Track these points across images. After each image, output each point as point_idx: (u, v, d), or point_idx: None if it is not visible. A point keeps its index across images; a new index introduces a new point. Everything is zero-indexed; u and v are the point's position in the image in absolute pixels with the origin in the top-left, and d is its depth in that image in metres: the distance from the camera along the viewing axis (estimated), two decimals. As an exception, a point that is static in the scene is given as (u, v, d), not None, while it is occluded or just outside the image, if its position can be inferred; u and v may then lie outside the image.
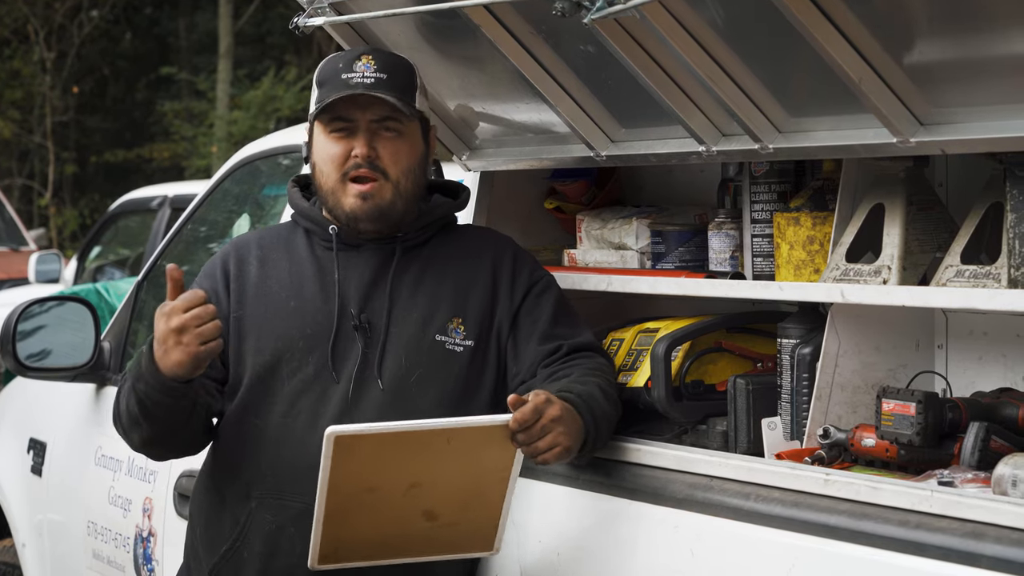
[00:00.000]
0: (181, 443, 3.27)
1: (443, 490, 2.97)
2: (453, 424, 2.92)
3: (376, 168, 3.24)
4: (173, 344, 3.00)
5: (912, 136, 2.75)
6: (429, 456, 2.91)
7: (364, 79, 3.23)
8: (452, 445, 2.90)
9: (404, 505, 2.97)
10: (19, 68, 24.53)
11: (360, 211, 3.25)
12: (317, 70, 3.32)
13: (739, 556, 2.80)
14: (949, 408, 2.87)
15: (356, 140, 3.24)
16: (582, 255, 3.79)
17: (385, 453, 2.89)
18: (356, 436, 2.86)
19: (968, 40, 2.62)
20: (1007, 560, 2.39)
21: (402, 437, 2.88)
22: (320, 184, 3.29)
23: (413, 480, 2.94)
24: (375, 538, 3.02)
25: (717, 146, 3.14)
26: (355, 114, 3.24)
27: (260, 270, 3.31)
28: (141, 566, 4.50)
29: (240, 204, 5.34)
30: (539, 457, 2.95)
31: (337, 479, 2.88)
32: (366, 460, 2.89)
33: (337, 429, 2.85)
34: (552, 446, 2.95)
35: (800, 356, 3.15)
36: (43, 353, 4.90)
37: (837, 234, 3.12)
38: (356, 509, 2.95)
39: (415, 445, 2.89)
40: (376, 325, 3.24)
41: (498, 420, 2.92)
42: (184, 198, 10.28)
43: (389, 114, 3.25)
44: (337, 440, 2.84)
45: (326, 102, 3.22)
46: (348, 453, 2.86)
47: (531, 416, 2.91)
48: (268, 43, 25.13)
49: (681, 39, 2.93)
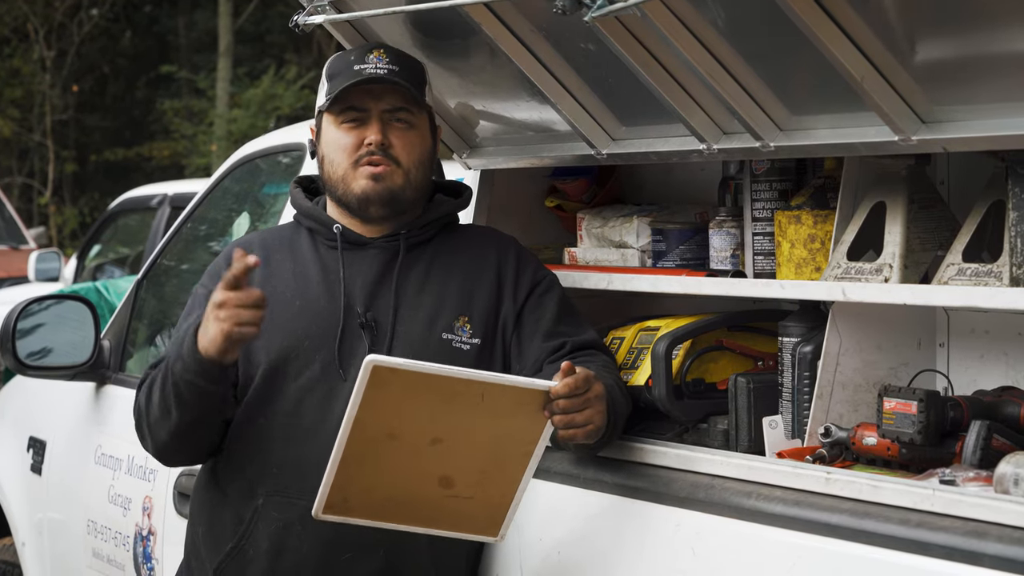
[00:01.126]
0: (201, 441, 3.25)
1: (464, 453, 2.93)
2: (491, 379, 2.89)
3: (388, 155, 3.25)
4: (212, 320, 3.01)
5: (914, 134, 2.74)
6: (458, 410, 2.87)
7: (378, 69, 3.25)
8: (485, 402, 2.86)
9: (422, 463, 2.93)
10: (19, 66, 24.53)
11: (372, 192, 3.24)
12: (327, 65, 3.34)
13: (740, 555, 2.79)
14: (951, 407, 2.87)
15: (369, 128, 3.25)
16: (583, 253, 3.79)
17: (417, 396, 2.85)
18: (394, 370, 2.82)
19: (970, 38, 2.62)
20: (1009, 559, 2.38)
21: (437, 381, 2.85)
22: (329, 175, 3.30)
23: (437, 434, 2.90)
24: (385, 495, 2.98)
25: (718, 144, 3.14)
26: (368, 103, 3.26)
27: (264, 270, 3.30)
28: (141, 565, 4.50)
29: (240, 203, 5.34)
30: (572, 431, 2.93)
31: (364, 415, 2.85)
32: (396, 400, 2.85)
33: (376, 358, 2.81)
34: (587, 422, 2.94)
35: (801, 354, 3.15)
36: (43, 352, 4.90)
37: (838, 232, 3.11)
38: (374, 457, 2.91)
39: (448, 393, 2.86)
40: (382, 323, 3.24)
41: (537, 384, 2.89)
42: (184, 196, 10.28)
43: (402, 104, 3.27)
44: (375, 370, 2.81)
45: (340, 88, 3.23)
46: (381, 387, 2.82)
47: (582, 386, 2.90)
48: (268, 41, 25.13)
49: (682, 37, 2.92)
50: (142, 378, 3.30)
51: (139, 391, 3.28)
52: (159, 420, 3.20)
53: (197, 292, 3.35)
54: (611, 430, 3.06)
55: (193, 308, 3.31)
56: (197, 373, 3.08)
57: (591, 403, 2.94)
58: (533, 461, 2.94)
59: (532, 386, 2.90)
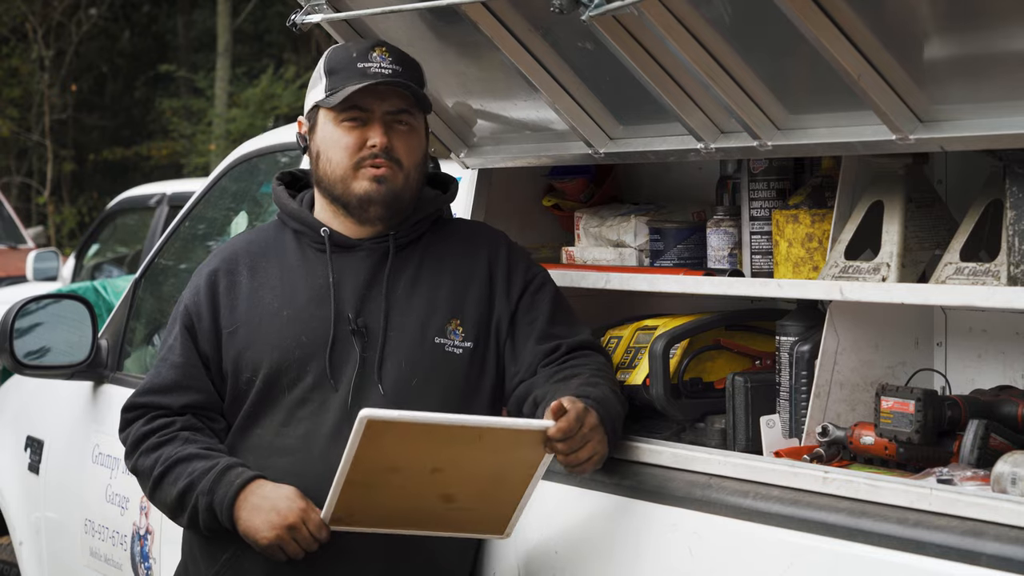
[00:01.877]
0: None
1: (465, 478, 2.97)
2: (488, 423, 2.91)
3: (391, 158, 3.21)
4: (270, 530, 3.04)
5: (911, 133, 2.74)
6: (457, 448, 2.91)
7: (383, 69, 3.20)
8: (483, 440, 2.90)
9: (423, 485, 2.96)
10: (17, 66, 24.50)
11: (376, 194, 3.21)
12: (325, 58, 3.27)
13: (737, 554, 2.79)
14: (948, 406, 2.86)
15: (371, 130, 3.21)
16: (580, 252, 3.78)
17: (414, 441, 2.88)
18: (389, 423, 2.85)
19: (967, 37, 2.62)
20: (1006, 558, 2.38)
21: (433, 429, 2.87)
22: (326, 173, 3.25)
23: (436, 465, 2.93)
24: (389, 510, 3.01)
25: (716, 143, 3.13)
26: (372, 104, 3.21)
27: (251, 281, 3.28)
28: (138, 564, 4.50)
29: (237, 202, 5.33)
30: (579, 467, 2.95)
31: (362, 458, 2.88)
32: (394, 444, 2.88)
33: (371, 413, 2.84)
34: (592, 455, 2.96)
35: (799, 354, 3.15)
36: (40, 351, 4.90)
37: (836, 231, 3.11)
38: (376, 485, 2.94)
39: (445, 437, 2.89)
40: (373, 329, 3.21)
41: (535, 425, 2.91)
42: (182, 196, 10.27)
43: (405, 107, 3.23)
44: (369, 424, 2.83)
45: (348, 91, 3.18)
46: (377, 436, 2.85)
47: (575, 426, 2.90)
48: (266, 41, 25.11)
49: (679, 36, 2.92)
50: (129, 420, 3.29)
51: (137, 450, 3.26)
52: (165, 508, 3.24)
53: (179, 309, 3.31)
54: (610, 445, 3.05)
55: (175, 321, 3.29)
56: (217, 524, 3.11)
57: (589, 436, 2.94)
58: (535, 480, 2.97)
59: (529, 427, 2.92)
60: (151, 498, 3.27)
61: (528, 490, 2.98)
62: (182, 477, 3.15)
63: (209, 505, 3.10)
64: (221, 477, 3.11)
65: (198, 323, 3.26)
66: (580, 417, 2.91)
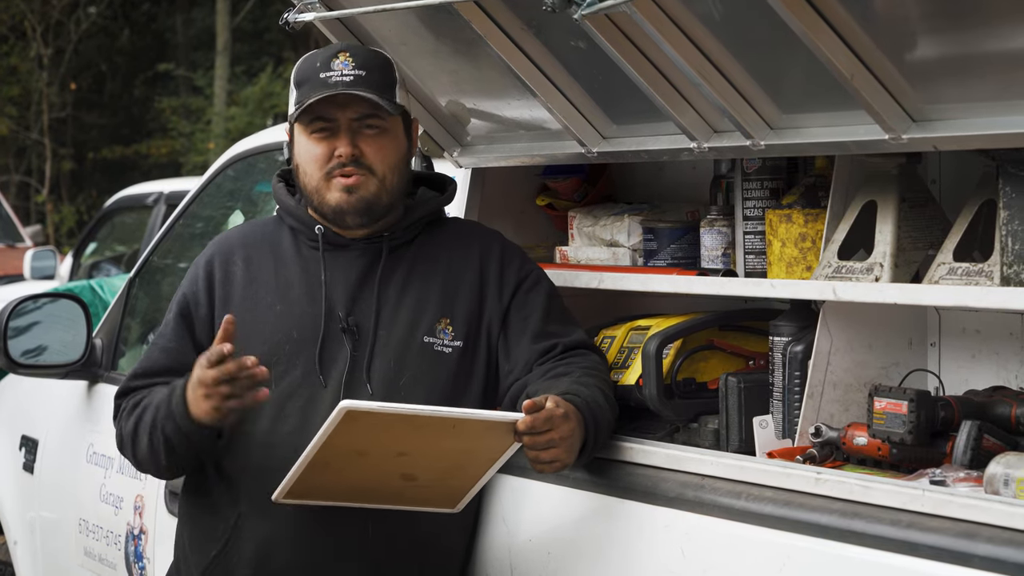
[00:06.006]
0: (193, 462, 3.26)
1: (430, 462, 3.01)
2: (463, 415, 2.94)
3: (361, 165, 3.21)
4: (201, 397, 3.02)
5: (904, 133, 2.73)
6: (428, 436, 2.94)
7: (343, 77, 3.19)
8: (455, 431, 2.93)
9: (387, 466, 3.00)
10: (16, 64, 24.51)
11: (346, 204, 3.21)
12: (294, 70, 3.28)
13: (730, 555, 2.78)
14: (941, 406, 2.86)
15: (339, 140, 3.20)
16: (574, 252, 3.78)
17: (387, 429, 2.91)
18: (366, 413, 2.87)
19: (961, 36, 2.61)
20: (999, 560, 2.38)
21: (409, 419, 2.90)
22: (304, 184, 3.26)
23: (403, 450, 2.96)
24: (347, 487, 3.06)
25: (709, 143, 3.13)
26: (335, 113, 3.20)
27: (246, 272, 3.29)
28: (132, 563, 4.49)
29: (233, 200, 5.32)
30: (540, 466, 2.96)
31: (332, 444, 2.90)
32: (366, 432, 2.91)
33: (351, 404, 2.85)
34: (553, 460, 2.96)
35: (792, 354, 3.14)
36: (35, 350, 4.89)
37: (829, 231, 3.10)
38: (340, 464, 2.98)
39: (419, 426, 2.91)
40: (364, 328, 3.22)
41: (507, 417, 2.94)
42: (180, 195, 10.27)
43: (370, 112, 3.21)
44: (347, 414, 2.85)
45: (304, 104, 3.18)
46: (353, 424, 2.87)
47: (541, 426, 2.91)
48: (265, 39, 25.12)
49: (672, 35, 2.91)
50: (120, 405, 3.29)
51: (120, 420, 3.27)
52: (148, 458, 3.22)
53: (176, 297, 3.33)
54: (590, 447, 3.04)
55: (172, 307, 3.31)
56: (191, 432, 3.09)
57: (555, 443, 2.94)
58: (497, 465, 3.01)
59: (502, 419, 2.94)
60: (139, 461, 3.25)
61: (489, 472, 3.02)
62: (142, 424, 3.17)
63: (176, 428, 3.09)
64: (170, 398, 3.10)
65: (195, 311, 3.29)
66: (552, 421, 2.92)
